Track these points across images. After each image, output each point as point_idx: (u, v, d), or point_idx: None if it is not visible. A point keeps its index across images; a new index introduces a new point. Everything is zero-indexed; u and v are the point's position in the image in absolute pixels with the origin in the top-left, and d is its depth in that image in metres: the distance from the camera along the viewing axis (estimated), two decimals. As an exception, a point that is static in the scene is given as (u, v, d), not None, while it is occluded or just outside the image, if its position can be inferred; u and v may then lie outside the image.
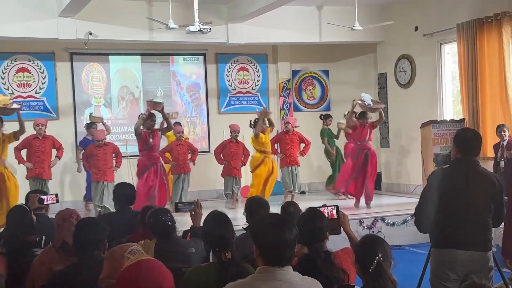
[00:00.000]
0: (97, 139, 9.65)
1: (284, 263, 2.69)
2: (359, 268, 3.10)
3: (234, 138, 10.53)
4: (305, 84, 13.27)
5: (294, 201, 4.88)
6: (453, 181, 4.08)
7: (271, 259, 2.69)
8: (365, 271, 3.05)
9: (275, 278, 2.66)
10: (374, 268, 3.01)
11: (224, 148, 10.56)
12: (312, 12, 11.63)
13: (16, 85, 11.03)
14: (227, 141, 10.62)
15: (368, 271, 3.03)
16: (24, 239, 4.71)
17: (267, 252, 2.70)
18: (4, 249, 4.71)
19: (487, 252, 4.02)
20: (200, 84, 12.48)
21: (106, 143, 9.72)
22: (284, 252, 2.68)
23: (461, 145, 4.11)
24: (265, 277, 2.68)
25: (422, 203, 4.18)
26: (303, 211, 3.94)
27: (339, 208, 3.99)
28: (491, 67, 9.66)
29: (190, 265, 3.91)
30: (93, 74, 11.66)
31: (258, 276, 2.71)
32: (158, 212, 4.35)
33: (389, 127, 12.32)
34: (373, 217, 8.87)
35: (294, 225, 2.78)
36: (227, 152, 10.49)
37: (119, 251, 3.10)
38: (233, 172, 10.49)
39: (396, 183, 12.14)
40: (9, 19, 9.74)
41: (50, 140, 9.61)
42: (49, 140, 9.58)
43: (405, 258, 7.47)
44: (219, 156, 10.55)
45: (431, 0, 10.31)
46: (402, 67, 11.82)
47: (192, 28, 9.13)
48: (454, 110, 11.01)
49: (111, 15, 10.37)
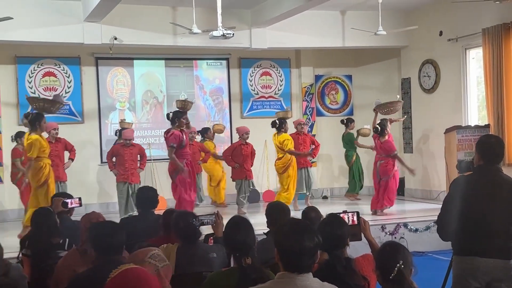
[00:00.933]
0: (126, 138, 9.71)
1: (303, 270, 2.69)
2: (380, 275, 3.08)
3: (244, 140, 10.53)
4: (328, 88, 13.24)
5: (315, 206, 4.85)
6: (475, 188, 4.04)
7: (290, 265, 2.69)
8: (386, 278, 3.04)
9: (294, 284, 2.66)
10: (395, 276, 3.00)
11: (234, 150, 10.57)
12: (336, 16, 11.61)
13: (42, 89, 11.18)
14: (237, 144, 10.65)
15: (389, 278, 3.01)
16: (48, 242, 4.78)
17: (286, 258, 2.70)
18: (29, 251, 4.79)
19: (509, 260, 3.97)
20: (223, 89, 12.53)
21: (132, 143, 9.80)
22: (303, 260, 2.68)
23: (483, 152, 4.07)
24: (284, 283, 2.68)
25: (445, 211, 4.15)
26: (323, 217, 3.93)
27: (359, 214, 3.98)
28: (516, 73, 9.56)
29: (211, 270, 3.92)
30: (117, 78, 11.78)
31: (277, 282, 2.71)
32: (188, 216, 4.35)
33: (412, 132, 12.23)
34: (395, 223, 8.80)
35: (316, 233, 2.76)
36: (238, 154, 10.49)
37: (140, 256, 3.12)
38: (247, 174, 10.49)
39: (419, 189, 12.03)
40: (36, 24, 9.88)
41: (63, 143, 9.73)
42: (61, 143, 9.70)
43: (427, 265, 7.40)
44: (229, 158, 10.57)
45: (456, 5, 10.21)
46: (426, 72, 11.73)
47: (215, 33, 9.17)
48: (479, 116, 10.89)
49: (135, 20, 10.47)
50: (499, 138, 4.72)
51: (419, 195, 11.95)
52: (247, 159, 10.48)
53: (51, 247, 4.75)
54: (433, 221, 8.58)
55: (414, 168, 10.08)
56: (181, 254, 4.15)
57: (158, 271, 3.12)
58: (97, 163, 11.32)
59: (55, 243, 4.79)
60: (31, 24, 9.82)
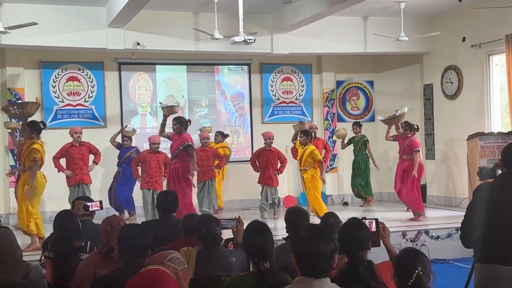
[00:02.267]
0: (153, 142, 9.78)
1: (320, 275, 2.70)
2: (398, 281, 3.07)
3: (268, 146, 10.52)
4: (349, 94, 13.20)
5: (334, 212, 4.84)
6: (498, 196, 4.01)
7: (307, 270, 2.70)
8: (404, 284, 3.03)
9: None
10: (413, 282, 2.99)
11: (258, 156, 10.58)
12: (357, 22, 11.60)
13: (66, 94, 11.32)
14: (261, 149, 10.64)
15: (407, 284, 3.00)
16: (70, 244, 4.83)
17: (302, 263, 2.71)
18: (51, 253, 4.85)
19: (531, 268, 3.93)
20: (244, 94, 12.57)
21: (159, 151, 9.89)
22: (319, 264, 2.69)
23: (507, 159, 4.04)
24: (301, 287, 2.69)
25: (468, 218, 4.12)
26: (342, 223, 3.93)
27: (378, 221, 3.97)
28: (541, 79, 9.45)
29: (230, 274, 3.94)
30: (140, 83, 11.88)
31: (294, 287, 2.72)
32: (210, 221, 4.37)
33: (434, 138, 12.15)
34: (416, 230, 8.74)
35: (333, 238, 2.77)
36: (261, 160, 10.50)
37: (159, 258, 3.15)
38: (267, 181, 10.42)
39: (442, 196, 11.93)
40: (60, 29, 10.01)
41: (87, 147, 9.81)
42: (85, 146, 9.78)
43: (449, 273, 7.35)
44: (255, 164, 10.58)
45: (479, 11, 10.14)
46: (449, 78, 11.64)
47: (237, 38, 9.22)
48: (502, 123, 10.77)
49: (158, 26, 10.56)
50: (522, 146, 4.66)
51: (441, 202, 11.85)
52: (268, 165, 10.44)
53: (73, 250, 4.80)
54: (455, 229, 8.51)
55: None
56: (201, 258, 4.18)
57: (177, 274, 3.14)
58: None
59: (76, 246, 4.84)
60: (55, 29, 9.95)
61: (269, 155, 10.47)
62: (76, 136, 9.67)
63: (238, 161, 12.25)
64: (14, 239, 3.82)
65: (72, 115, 11.35)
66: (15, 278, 3.39)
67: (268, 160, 10.44)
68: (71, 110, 11.35)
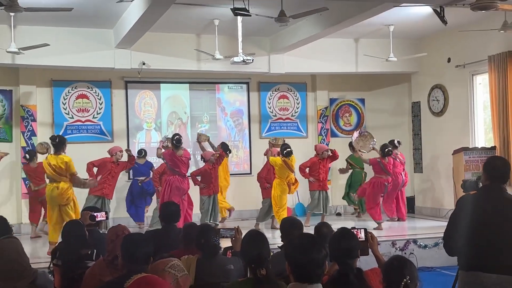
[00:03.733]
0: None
1: (313, 280, 2.70)
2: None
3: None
4: (342, 111, 13.23)
5: (327, 222, 4.84)
6: (481, 207, 4.01)
7: (301, 276, 2.70)
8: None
9: None
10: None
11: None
12: (349, 44, 11.65)
13: (75, 110, 11.34)
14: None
15: None
16: (77, 252, 4.82)
17: (297, 270, 2.71)
18: (60, 261, 4.83)
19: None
20: (243, 111, 12.59)
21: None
22: (312, 270, 2.70)
23: (490, 172, 4.05)
24: None
25: (451, 228, 4.12)
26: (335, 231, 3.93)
27: (367, 230, 3.98)
28: (521, 97, 9.50)
29: (228, 280, 3.93)
30: (145, 100, 11.90)
31: (289, 292, 2.73)
32: (209, 233, 4.36)
33: (422, 153, 12.16)
34: (405, 239, 8.72)
35: (324, 245, 2.79)
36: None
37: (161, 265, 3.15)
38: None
39: (428, 207, 11.92)
40: (70, 50, 10.06)
41: (122, 166, 9.81)
42: (121, 166, 9.77)
43: (436, 280, 7.33)
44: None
45: (464, 33, 10.20)
46: (435, 96, 11.68)
47: (236, 59, 9.28)
48: (486, 138, 10.79)
49: (162, 47, 10.61)
50: (505, 159, 4.68)
51: (428, 213, 11.82)
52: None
53: (80, 258, 4.79)
54: (441, 238, 8.38)
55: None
56: (201, 265, 4.18)
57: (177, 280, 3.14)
58: (125, 179, 11.38)
59: (83, 253, 4.82)
60: (66, 50, 10.00)
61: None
62: (120, 154, 9.67)
63: (237, 174, 12.25)
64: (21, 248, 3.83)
65: (81, 131, 11.36)
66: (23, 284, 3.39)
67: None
68: (80, 126, 11.36)
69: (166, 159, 9.45)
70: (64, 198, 8.10)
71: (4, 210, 9.31)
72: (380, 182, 10.07)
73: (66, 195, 8.11)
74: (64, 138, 8.48)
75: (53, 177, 8.11)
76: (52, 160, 8.10)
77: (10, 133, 10.92)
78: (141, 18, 8.19)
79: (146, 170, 10.89)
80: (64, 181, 8.10)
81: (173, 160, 9.38)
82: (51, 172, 8.08)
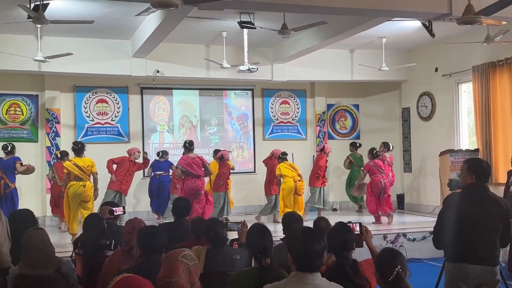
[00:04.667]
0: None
1: (313, 270, 2.70)
2: (380, 278, 3.06)
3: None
4: (338, 116, 13.22)
5: (325, 217, 4.83)
6: (468, 204, 4.01)
7: (302, 266, 2.70)
8: (385, 280, 3.01)
9: (305, 282, 2.67)
10: (394, 278, 2.98)
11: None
12: (345, 54, 11.64)
13: (96, 113, 11.36)
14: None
15: (388, 280, 2.99)
16: (97, 243, 4.83)
17: (299, 260, 2.71)
18: (81, 250, 4.85)
19: (495, 266, 3.92)
20: (248, 115, 12.58)
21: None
22: (313, 260, 2.70)
23: (477, 173, 4.04)
24: (296, 281, 2.69)
25: (439, 224, 4.11)
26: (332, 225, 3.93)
27: (362, 224, 3.97)
28: (502, 104, 9.48)
29: (235, 269, 3.92)
30: (159, 105, 11.91)
31: (291, 280, 2.73)
32: (217, 225, 4.35)
33: (411, 154, 12.14)
34: (396, 233, 8.69)
35: (323, 238, 2.79)
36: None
37: (173, 255, 3.14)
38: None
39: (417, 204, 11.89)
40: (91, 59, 10.08)
41: (137, 166, 9.85)
42: (137, 166, 9.81)
43: (423, 270, 7.30)
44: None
45: (450, 45, 10.18)
46: (424, 103, 11.66)
47: (242, 67, 9.28)
48: (470, 141, 10.77)
49: (175, 56, 10.61)
50: (488, 162, 4.69)
51: (416, 209, 11.79)
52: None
53: (99, 248, 4.80)
54: (428, 232, 8.47)
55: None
56: (210, 256, 4.17)
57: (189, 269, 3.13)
58: (140, 177, 11.39)
59: (102, 244, 4.84)
60: (87, 59, 10.01)
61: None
62: (137, 155, 9.74)
63: (242, 172, 12.25)
64: (48, 238, 3.84)
65: (101, 132, 11.38)
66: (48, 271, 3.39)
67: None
68: (100, 128, 11.38)
69: (181, 164, 9.29)
70: (88, 195, 8.31)
71: (30, 204, 9.31)
72: (378, 180, 9.93)
73: (90, 192, 8.36)
74: (83, 144, 8.69)
75: (80, 176, 8.29)
76: (79, 162, 8.35)
77: (36, 134, 10.94)
78: (156, 30, 8.20)
79: (166, 167, 10.88)
80: (88, 181, 8.35)
81: (188, 163, 9.29)
82: (79, 172, 8.28)
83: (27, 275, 3.37)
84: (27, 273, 3.47)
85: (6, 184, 9.08)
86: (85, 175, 8.31)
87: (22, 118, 10.83)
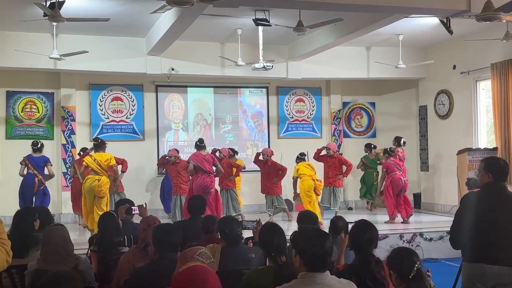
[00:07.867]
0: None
1: (326, 268, 2.71)
2: (398, 277, 3.02)
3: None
4: (354, 114, 13.17)
5: (342, 216, 4.83)
6: (485, 203, 3.97)
7: (315, 266, 2.69)
8: (405, 278, 2.98)
9: (315, 282, 2.67)
10: (415, 275, 2.96)
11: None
12: (361, 52, 11.59)
13: (111, 111, 11.44)
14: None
15: (408, 278, 2.96)
16: (111, 240, 4.88)
17: (311, 260, 2.70)
18: (96, 247, 4.90)
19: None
20: (262, 113, 12.59)
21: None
22: (325, 259, 2.71)
23: (495, 172, 4.00)
24: (306, 281, 2.69)
25: (456, 223, 4.07)
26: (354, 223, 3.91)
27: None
28: (522, 102, 9.37)
29: (250, 268, 3.94)
30: (173, 103, 11.96)
31: (300, 281, 2.72)
32: (233, 224, 4.37)
33: (428, 153, 12.04)
34: (412, 233, 8.64)
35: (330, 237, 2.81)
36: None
37: (189, 253, 3.16)
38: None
39: (434, 203, 11.80)
40: (106, 57, 10.15)
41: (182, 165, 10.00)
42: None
43: (440, 270, 7.23)
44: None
45: (468, 42, 10.08)
46: (441, 101, 11.56)
47: (257, 65, 9.28)
48: (488, 140, 10.65)
49: (190, 54, 10.65)
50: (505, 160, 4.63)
51: (434, 208, 11.71)
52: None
53: (114, 245, 4.85)
54: (445, 232, 8.41)
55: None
56: (225, 254, 4.19)
57: (204, 267, 3.15)
58: (155, 175, 11.45)
59: (116, 241, 4.89)
60: (103, 56, 10.08)
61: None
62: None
63: (257, 170, 12.23)
64: (68, 235, 3.88)
65: (116, 130, 11.47)
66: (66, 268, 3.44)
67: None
68: (115, 125, 11.47)
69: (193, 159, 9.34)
70: (101, 190, 8.36)
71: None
72: (397, 177, 9.81)
73: (105, 187, 8.41)
74: (103, 140, 8.81)
75: (97, 171, 8.39)
76: (97, 157, 8.47)
77: (51, 132, 11.06)
78: (171, 28, 8.24)
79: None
80: (105, 176, 8.42)
81: (199, 159, 9.33)
82: (96, 167, 8.38)
83: (45, 270, 3.42)
84: (45, 269, 3.52)
85: (40, 181, 9.28)
86: (102, 170, 8.39)
87: (38, 116, 10.95)
